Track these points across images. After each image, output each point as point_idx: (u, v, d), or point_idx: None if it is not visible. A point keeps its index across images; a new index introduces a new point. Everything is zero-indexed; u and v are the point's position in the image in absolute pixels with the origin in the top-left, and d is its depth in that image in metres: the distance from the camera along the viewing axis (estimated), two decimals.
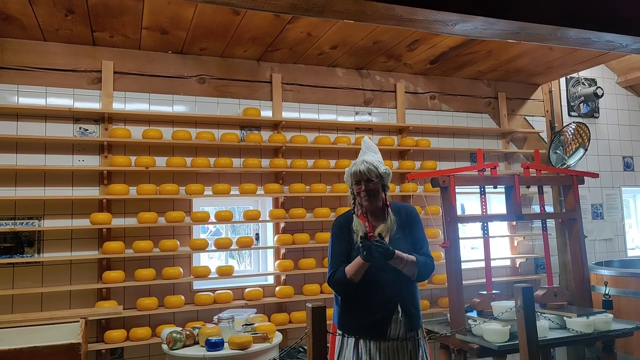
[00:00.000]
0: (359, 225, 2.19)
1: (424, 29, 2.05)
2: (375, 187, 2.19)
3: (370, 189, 2.18)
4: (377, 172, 2.19)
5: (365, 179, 2.18)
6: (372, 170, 2.18)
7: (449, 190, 3.12)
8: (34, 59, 3.28)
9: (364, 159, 2.22)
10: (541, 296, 3.29)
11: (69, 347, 2.41)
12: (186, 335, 2.93)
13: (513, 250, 4.54)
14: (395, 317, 2.13)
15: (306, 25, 3.23)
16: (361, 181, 2.18)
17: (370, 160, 2.21)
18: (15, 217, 3.17)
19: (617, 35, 2.14)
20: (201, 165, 3.48)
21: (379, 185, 2.21)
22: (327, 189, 3.82)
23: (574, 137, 4.61)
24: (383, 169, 2.22)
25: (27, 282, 3.14)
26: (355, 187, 2.21)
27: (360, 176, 2.18)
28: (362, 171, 2.17)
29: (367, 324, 2.13)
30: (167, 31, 3.25)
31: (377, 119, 4.20)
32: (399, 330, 2.15)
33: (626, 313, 3.81)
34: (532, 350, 2.39)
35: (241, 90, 3.80)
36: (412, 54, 3.84)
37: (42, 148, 3.27)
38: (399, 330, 2.15)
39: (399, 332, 2.15)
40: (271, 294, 3.65)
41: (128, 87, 3.49)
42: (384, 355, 2.13)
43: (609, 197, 5.01)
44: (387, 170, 2.24)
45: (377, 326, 2.13)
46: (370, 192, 2.18)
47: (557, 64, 4.22)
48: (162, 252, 3.32)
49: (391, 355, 2.14)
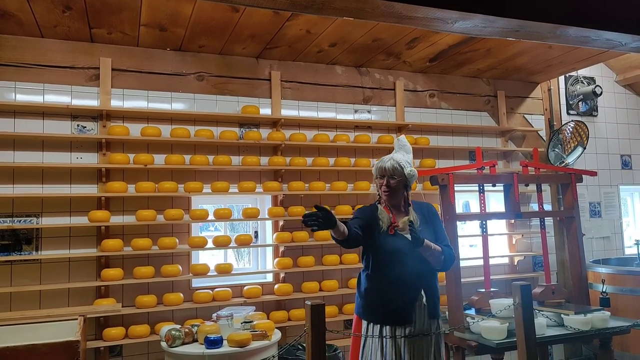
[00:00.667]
0: (384, 214, 2.34)
1: (424, 26, 2.05)
2: (396, 184, 2.33)
3: (391, 185, 2.33)
4: (402, 172, 2.33)
5: (388, 175, 2.32)
6: (397, 169, 2.32)
7: (447, 189, 3.12)
8: (32, 55, 3.26)
9: (392, 157, 2.38)
10: (539, 294, 3.30)
11: (67, 344, 2.40)
12: (185, 332, 2.93)
13: (511, 248, 4.55)
14: (419, 303, 2.25)
15: (305, 23, 3.22)
16: (385, 176, 2.33)
17: (399, 159, 2.35)
18: (13, 215, 3.16)
19: (617, 34, 2.15)
20: (200, 162, 3.47)
21: (401, 183, 2.35)
22: (326, 187, 3.82)
23: (573, 135, 4.62)
24: (408, 169, 2.35)
25: (25, 279, 3.14)
26: (378, 180, 2.37)
27: (384, 172, 2.33)
28: (387, 168, 2.33)
29: (392, 309, 2.23)
30: (166, 28, 3.23)
31: (376, 117, 4.20)
32: (423, 316, 2.26)
33: (623, 311, 3.83)
34: (530, 347, 2.40)
35: (240, 87, 3.79)
36: (411, 51, 3.83)
37: (39, 145, 3.25)
38: (423, 316, 2.26)
39: (423, 318, 2.26)
40: (270, 291, 3.66)
41: (126, 85, 3.48)
42: (408, 343, 2.22)
43: (607, 195, 5.02)
44: (412, 171, 2.37)
45: (402, 311, 2.23)
46: (390, 188, 2.33)
47: (556, 62, 4.22)
48: (161, 249, 3.32)
49: (416, 342, 2.23)
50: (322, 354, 1.93)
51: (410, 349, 2.22)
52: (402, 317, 2.23)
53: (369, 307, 2.30)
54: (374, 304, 2.28)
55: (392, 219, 2.33)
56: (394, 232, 2.30)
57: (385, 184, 2.33)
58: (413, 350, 2.22)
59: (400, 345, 2.22)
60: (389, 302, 2.24)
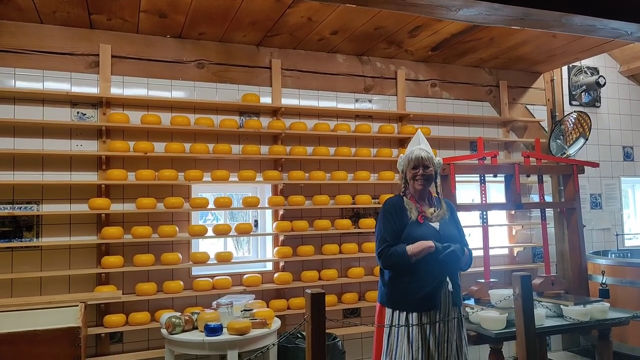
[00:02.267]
0: (411, 205, 2.41)
1: (427, 14, 2.02)
2: (431, 173, 2.42)
3: (427, 174, 2.41)
4: (433, 161, 2.44)
5: (423, 164, 2.40)
6: (430, 158, 2.43)
7: (449, 179, 3.11)
8: (31, 41, 3.23)
9: (421, 147, 2.44)
10: (539, 285, 3.31)
11: (68, 330, 2.41)
12: (185, 320, 2.94)
13: (511, 239, 4.55)
14: (444, 290, 2.32)
15: (307, 10, 3.18)
16: (419, 166, 2.40)
17: (427, 149, 2.46)
18: (13, 202, 3.15)
19: (623, 23, 2.12)
20: (200, 151, 3.46)
21: (434, 172, 2.44)
22: (327, 177, 3.81)
23: (575, 126, 4.59)
24: (437, 159, 2.49)
25: (26, 266, 3.14)
26: (412, 171, 2.42)
27: (420, 161, 2.40)
28: (423, 157, 2.40)
29: (420, 297, 2.28)
30: (166, 15, 3.20)
31: (377, 106, 4.17)
32: (447, 303, 2.33)
33: (622, 302, 3.84)
34: (529, 337, 2.41)
35: (240, 75, 3.76)
36: (413, 40, 3.80)
37: (39, 132, 3.24)
38: (447, 303, 2.33)
39: (447, 305, 2.33)
40: (270, 280, 3.67)
41: (126, 72, 3.45)
42: (434, 329, 2.27)
43: (608, 187, 5.01)
44: (440, 161, 2.51)
45: (429, 298, 2.29)
46: (426, 176, 2.41)
47: (560, 52, 4.18)
48: (161, 237, 3.32)
49: (441, 329, 2.29)
50: (322, 343, 1.93)
51: (435, 335, 2.27)
52: (430, 304, 2.28)
53: (395, 295, 2.34)
54: (400, 291, 2.32)
55: (420, 208, 2.40)
56: (423, 221, 2.36)
57: (420, 173, 2.38)
58: (438, 336, 2.27)
59: (426, 331, 2.26)
60: (417, 289, 2.28)
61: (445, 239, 2.35)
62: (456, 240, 2.40)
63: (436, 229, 2.38)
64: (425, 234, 2.32)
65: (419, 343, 2.24)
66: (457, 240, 2.41)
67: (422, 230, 2.34)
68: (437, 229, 2.38)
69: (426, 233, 2.33)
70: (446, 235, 2.37)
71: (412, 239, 2.32)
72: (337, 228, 3.77)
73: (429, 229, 2.36)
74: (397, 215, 2.38)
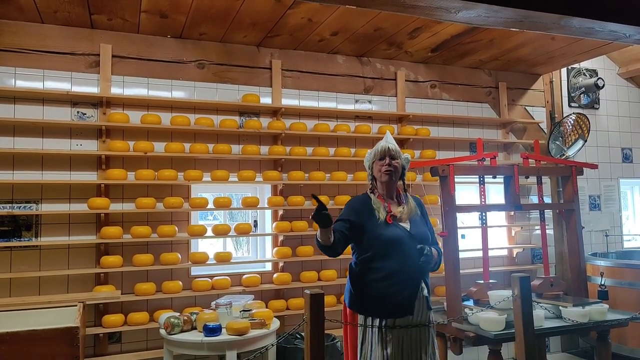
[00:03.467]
0: (379, 203, 2.31)
1: (427, 15, 2.03)
2: (398, 165, 2.35)
3: (393, 166, 2.33)
4: (400, 154, 2.39)
5: (389, 154, 2.34)
6: (398, 150, 2.38)
7: (448, 180, 3.12)
8: (32, 41, 3.24)
9: (387, 141, 2.39)
10: (537, 286, 3.31)
11: (67, 330, 2.41)
12: (184, 320, 2.94)
13: (510, 240, 4.56)
14: (419, 294, 2.25)
15: (307, 11, 3.19)
16: (385, 156, 2.34)
17: (394, 144, 2.40)
18: (13, 201, 3.15)
19: (621, 25, 2.13)
20: (200, 151, 3.46)
21: (400, 166, 2.37)
22: (326, 177, 3.82)
23: (574, 128, 4.60)
24: (405, 155, 2.44)
25: (25, 265, 3.14)
26: (379, 162, 2.35)
27: (386, 152, 2.34)
28: (390, 148, 2.35)
29: (396, 302, 2.21)
30: (167, 15, 3.20)
31: (377, 107, 4.18)
32: (421, 308, 2.26)
33: (621, 303, 3.84)
34: (528, 339, 2.41)
35: (241, 76, 3.76)
36: (413, 41, 3.80)
37: (39, 132, 3.24)
38: (421, 308, 2.26)
39: (422, 309, 2.26)
40: (269, 280, 3.67)
41: (126, 72, 3.45)
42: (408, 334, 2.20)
43: (607, 188, 5.02)
44: (408, 157, 2.45)
45: (405, 303, 2.22)
46: (393, 167, 2.33)
47: (559, 54, 4.19)
48: (160, 237, 3.32)
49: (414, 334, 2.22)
50: (321, 343, 1.93)
51: (409, 340, 2.20)
52: (405, 309, 2.20)
53: (367, 300, 2.24)
54: (374, 297, 2.22)
55: (388, 207, 2.30)
56: (392, 221, 2.26)
57: (387, 163, 2.32)
58: (412, 342, 2.21)
59: (402, 337, 2.19)
60: (391, 294, 2.19)
61: (417, 239, 2.26)
62: (427, 240, 2.31)
63: (407, 229, 2.27)
64: (395, 235, 2.23)
65: (395, 349, 2.17)
66: (428, 240, 2.32)
67: (392, 231, 2.24)
68: (407, 229, 2.28)
69: (396, 234, 2.23)
70: (418, 235, 2.28)
71: (382, 240, 2.22)
72: None
73: (399, 229, 2.26)
74: (361, 213, 2.28)
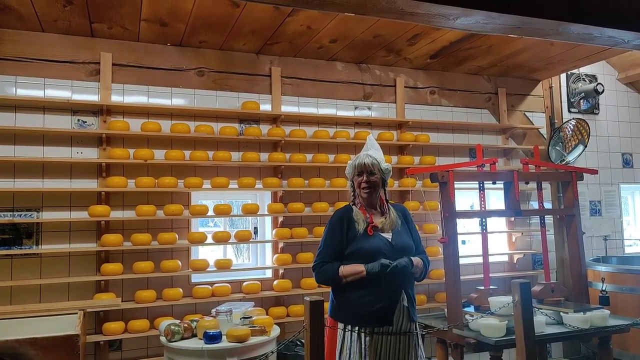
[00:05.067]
0: (359, 215, 2.28)
1: (425, 22, 2.04)
2: (376, 180, 2.30)
3: (371, 182, 2.29)
4: (379, 167, 2.32)
5: (367, 171, 2.29)
6: (375, 164, 2.31)
7: (447, 186, 3.12)
8: (32, 50, 3.26)
9: (367, 153, 2.34)
10: (538, 292, 3.30)
11: (67, 338, 2.41)
12: (184, 327, 2.93)
13: (511, 246, 4.55)
14: (399, 305, 2.20)
15: (306, 18, 3.21)
16: (363, 173, 2.29)
17: (374, 155, 2.34)
18: (13, 209, 3.16)
19: (620, 31, 2.14)
20: (200, 158, 3.47)
21: (380, 179, 2.32)
22: (326, 184, 3.82)
23: (574, 133, 4.60)
24: (385, 165, 2.36)
25: (26, 273, 3.14)
26: (357, 178, 2.31)
27: (363, 168, 2.29)
28: (367, 164, 2.29)
29: (374, 311, 2.17)
30: (166, 23, 3.23)
31: (377, 114, 4.19)
32: (402, 318, 2.20)
33: (623, 309, 3.82)
34: (529, 345, 2.40)
35: (240, 83, 3.78)
36: (412, 48, 3.82)
37: (40, 140, 3.25)
38: (402, 318, 2.20)
39: (402, 320, 2.20)
40: (269, 287, 3.66)
41: (127, 80, 3.47)
42: (386, 345, 2.16)
43: (608, 193, 5.01)
44: (388, 167, 2.38)
45: (384, 313, 2.18)
46: (371, 184, 2.29)
47: (558, 60, 4.21)
48: (161, 245, 3.32)
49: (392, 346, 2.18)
50: (321, 350, 1.93)
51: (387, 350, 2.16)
52: (383, 319, 2.17)
53: (347, 309, 2.22)
54: (352, 306, 2.19)
55: (370, 219, 2.27)
56: (373, 232, 2.24)
57: (365, 180, 2.27)
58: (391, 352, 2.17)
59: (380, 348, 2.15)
60: (370, 304, 2.17)
61: (397, 250, 2.22)
62: (410, 250, 2.28)
63: (388, 240, 2.24)
64: (375, 247, 2.20)
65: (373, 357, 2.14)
66: (411, 250, 2.29)
67: (372, 243, 2.21)
68: (389, 240, 2.24)
69: (377, 245, 2.20)
70: (399, 246, 2.24)
71: (362, 252, 2.20)
72: None
73: (380, 240, 2.23)
74: (343, 229, 2.25)
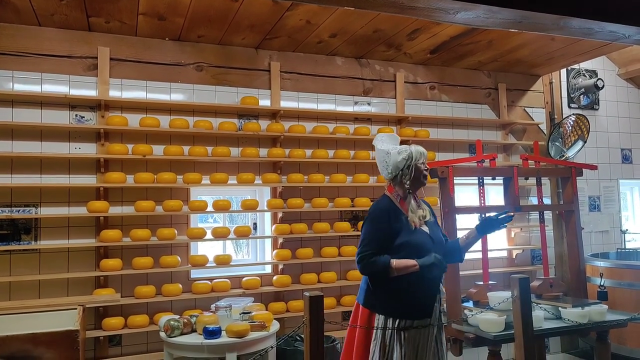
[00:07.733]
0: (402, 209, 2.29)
1: (425, 17, 2.03)
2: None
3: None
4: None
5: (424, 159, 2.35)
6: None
7: (447, 181, 3.12)
8: (29, 44, 3.23)
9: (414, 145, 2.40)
10: (537, 287, 3.31)
11: (67, 333, 2.41)
12: (184, 323, 2.93)
13: (510, 242, 4.55)
14: (438, 296, 2.28)
15: (305, 13, 3.19)
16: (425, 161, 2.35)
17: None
18: (11, 205, 3.15)
19: (621, 26, 2.13)
20: (199, 154, 3.46)
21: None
22: (325, 179, 3.81)
23: (573, 129, 4.60)
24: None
25: (24, 269, 3.14)
26: (422, 166, 2.32)
27: (424, 157, 2.33)
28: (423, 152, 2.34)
29: (418, 303, 2.23)
30: (164, 17, 3.20)
31: (376, 109, 4.18)
32: (438, 309, 2.28)
33: (621, 304, 3.84)
34: (527, 339, 2.41)
35: (239, 78, 3.76)
36: (412, 43, 3.81)
37: (38, 135, 3.24)
38: (438, 309, 2.28)
39: (437, 311, 2.29)
40: (269, 282, 3.66)
41: (125, 74, 3.45)
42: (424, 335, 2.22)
43: (607, 189, 5.02)
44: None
45: (427, 304, 2.25)
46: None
47: (558, 55, 4.19)
48: (160, 240, 3.32)
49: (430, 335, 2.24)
50: (320, 345, 1.93)
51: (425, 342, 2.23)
52: (426, 310, 2.23)
53: (388, 300, 2.23)
54: (395, 297, 2.22)
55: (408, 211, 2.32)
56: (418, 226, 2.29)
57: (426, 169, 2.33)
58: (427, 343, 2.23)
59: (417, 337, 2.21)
60: (415, 296, 2.21)
61: (437, 243, 2.30)
62: (443, 244, 2.36)
63: (428, 234, 2.30)
64: (420, 241, 2.25)
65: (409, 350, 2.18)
66: (443, 243, 2.37)
67: (417, 237, 2.25)
68: (429, 234, 2.30)
69: (421, 240, 2.25)
70: (437, 240, 2.32)
71: (412, 246, 2.22)
72: (336, 231, 3.77)
73: (423, 234, 2.28)
74: (391, 222, 2.24)
